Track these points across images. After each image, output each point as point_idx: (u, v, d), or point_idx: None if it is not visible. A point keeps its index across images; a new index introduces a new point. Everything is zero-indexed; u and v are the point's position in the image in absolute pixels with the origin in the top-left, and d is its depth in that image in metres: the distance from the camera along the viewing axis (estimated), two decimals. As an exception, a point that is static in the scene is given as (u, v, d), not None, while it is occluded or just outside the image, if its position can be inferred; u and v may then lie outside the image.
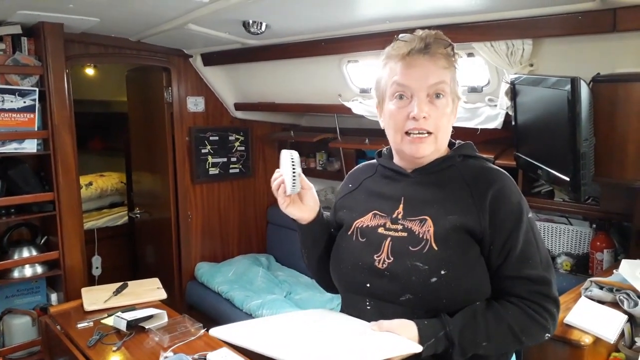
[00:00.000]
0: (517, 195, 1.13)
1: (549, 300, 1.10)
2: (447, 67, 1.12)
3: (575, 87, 1.59)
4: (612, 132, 1.72)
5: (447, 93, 1.13)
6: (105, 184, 4.73)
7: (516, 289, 1.10)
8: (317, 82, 3.07)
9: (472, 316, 1.07)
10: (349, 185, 1.34)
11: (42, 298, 2.91)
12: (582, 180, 1.65)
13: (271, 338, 1.10)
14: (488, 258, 1.10)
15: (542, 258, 1.11)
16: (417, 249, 1.10)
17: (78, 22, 2.69)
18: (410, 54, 1.12)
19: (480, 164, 1.19)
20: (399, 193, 1.20)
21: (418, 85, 1.11)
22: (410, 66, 1.12)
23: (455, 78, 1.16)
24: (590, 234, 2.32)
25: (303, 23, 2.48)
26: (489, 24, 2.01)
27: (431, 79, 1.11)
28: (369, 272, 1.15)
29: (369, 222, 1.21)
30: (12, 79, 2.63)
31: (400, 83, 1.13)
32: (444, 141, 1.18)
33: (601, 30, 1.73)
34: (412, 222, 1.14)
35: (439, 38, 1.13)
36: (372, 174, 1.31)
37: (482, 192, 1.11)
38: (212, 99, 3.75)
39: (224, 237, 3.94)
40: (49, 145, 2.73)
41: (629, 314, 1.59)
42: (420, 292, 1.08)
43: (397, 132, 1.16)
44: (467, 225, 1.09)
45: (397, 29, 2.30)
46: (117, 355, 1.93)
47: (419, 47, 1.11)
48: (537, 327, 1.10)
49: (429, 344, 1.04)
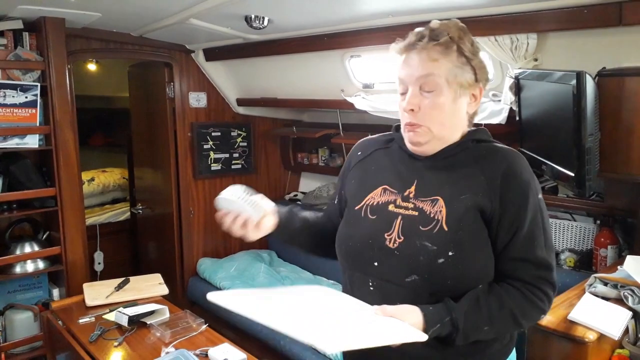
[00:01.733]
0: (527, 174, 1.12)
1: (548, 284, 1.12)
2: (437, 58, 1.11)
3: (581, 82, 1.57)
4: (617, 127, 1.71)
5: (438, 84, 1.11)
6: (108, 179, 4.74)
7: (519, 272, 1.11)
8: (320, 77, 3.06)
9: (476, 301, 1.08)
10: (357, 154, 1.34)
11: (44, 293, 2.92)
12: (586, 176, 1.64)
13: (269, 309, 1.08)
14: (495, 238, 1.11)
15: (547, 240, 1.12)
16: (427, 229, 1.11)
17: (79, 17, 2.68)
18: (406, 49, 1.15)
19: (492, 145, 1.19)
20: (412, 175, 1.19)
21: (408, 79, 1.13)
22: (405, 61, 1.15)
23: (464, 66, 1.13)
24: (594, 230, 2.30)
25: (305, 17, 2.47)
26: (493, 18, 1.99)
27: (417, 72, 1.12)
28: (379, 251, 1.15)
29: (379, 198, 1.21)
30: (13, 74, 2.62)
31: (399, 78, 1.16)
32: (444, 132, 1.16)
33: (607, 24, 1.71)
34: (423, 202, 1.14)
35: (440, 28, 1.13)
36: (385, 147, 1.30)
37: (494, 170, 1.11)
38: (214, 94, 3.74)
39: (226, 233, 3.78)
40: (50, 140, 2.72)
41: (634, 311, 1.58)
42: (426, 272, 1.09)
43: (402, 120, 1.18)
44: (479, 204, 1.09)
45: (400, 23, 2.29)
46: (118, 350, 1.93)
47: (411, 41, 1.14)
48: (536, 311, 1.12)
49: (433, 330, 1.04)
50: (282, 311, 1.08)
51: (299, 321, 1.02)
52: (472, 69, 1.14)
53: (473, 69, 1.14)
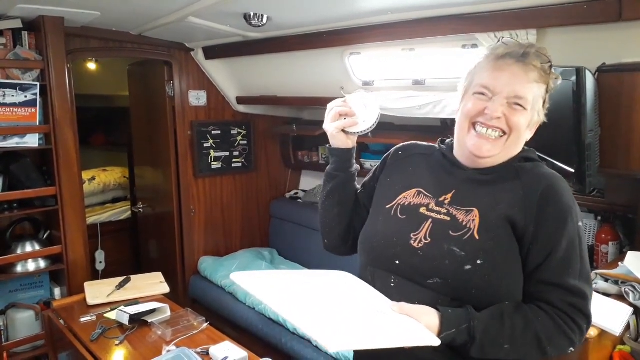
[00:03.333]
0: (569, 198, 1.09)
1: (582, 316, 1.06)
2: (537, 80, 1.10)
3: (581, 78, 1.57)
4: (617, 123, 1.70)
5: (527, 108, 1.10)
6: (108, 178, 4.74)
7: (550, 297, 1.05)
8: (319, 74, 3.05)
9: (500, 315, 1.03)
10: (398, 153, 1.32)
11: (46, 292, 2.92)
12: (587, 172, 1.63)
13: (287, 298, 1.07)
14: (527, 258, 1.06)
15: (584, 270, 1.07)
16: (457, 234, 1.08)
17: (78, 16, 2.68)
18: (504, 57, 1.11)
19: (538, 164, 1.16)
20: (452, 184, 1.17)
21: (501, 88, 1.09)
22: (499, 69, 1.10)
23: (543, 96, 1.13)
24: (595, 226, 2.30)
25: (305, 15, 2.46)
26: (493, 14, 1.99)
27: (516, 88, 1.09)
28: (402, 249, 1.13)
29: (411, 199, 1.19)
30: (13, 74, 2.62)
31: (484, 85, 1.12)
32: (512, 147, 1.14)
33: (607, 19, 1.70)
34: (458, 210, 1.12)
35: (540, 52, 1.11)
36: (430, 154, 1.28)
37: (534, 187, 1.08)
38: (214, 92, 3.73)
39: (227, 231, 3.94)
40: (50, 139, 2.72)
41: (635, 307, 1.57)
42: (450, 277, 1.06)
43: (466, 120, 1.14)
44: (512, 217, 1.06)
45: (400, 20, 2.28)
46: (119, 349, 1.93)
47: (516, 53, 1.10)
48: (565, 340, 1.05)
49: (447, 334, 1.00)
50: (297, 300, 1.06)
51: (309, 313, 1.01)
52: (544, 101, 1.14)
53: (544, 101, 1.14)
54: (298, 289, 1.14)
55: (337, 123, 1.25)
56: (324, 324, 0.98)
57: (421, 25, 2.21)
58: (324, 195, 1.36)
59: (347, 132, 1.26)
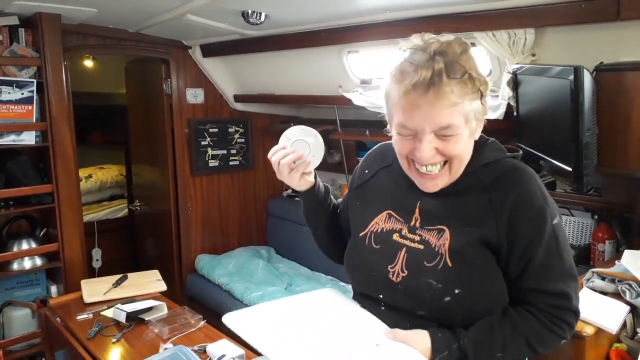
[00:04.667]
0: (540, 200, 1.04)
1: (569, 313, 1.06)
2: (458, 101, 0.97)
3: (579, 77, 1.57)
4: (615, 122, 1.70)
5: (459, 130, 0.99)
6: (105, 176, 4.73)
7: (534, 300, 1.05)
8: (317, 73, 3.05)
9: (489, 328, 1.03)
10: (365, 172, 1.28)
11: (42, 290, 2.91)
12: (584, 171, 1.63)
13: (283, 342, 1.07)
14: (506, 268, 1.05)
15: (565, 268, 1.05)
16: (431, 265, 1.05)
17: (75, 13, 2.67)
18: (412, 90, 0.96)
19: (501, 165, 1.08)
20: (415, 196, 1.12)
21: (422, 126, 0.98)
22: (412, 107, 0.98)
23: (474, 103, 1.00)
24: (592, 225, 2.31)
25: (302, 13, 2.46)
26: (491, 13, 1.99)
27: (437, 121, 0.97)
28: (383, 284, 1.11)
29: (383, 225, 1.16)
30: (9, 71, 2.61)
31: (402, 124, 1.02)
32: (459, 168, 1.06)
33: (604, 18, 1.71)
34: (429, 232, 1.08)
35: (453, 60, 0.97)
36: (390, 164, 1.22)
37: (502, 199, 1.03)
38: (212, 90, 3.73)
39: (224, 230, 3.93)
40: (47, 137, 2.71)
41: (631, 305, 1.58)
42: (433, 309, 1.05)
43: (402, 158, 1.08)
44: (484, 237, 1.03)
45: (397, 18, 2.28)
46: (116, 347, 1.93)
47: (423, 79, 0.95)
48: (555, 338, 1.06)
49: (441, 356, 1.01)
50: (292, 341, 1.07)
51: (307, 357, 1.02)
52: (480, 93, 1.01)
53: (480, 92, 1.01)
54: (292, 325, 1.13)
55: (294, 175, 1.20)
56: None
57: (419, 24, 2.20)
58: (313, 230, 1.36)
59: (305, 172, 1.22)
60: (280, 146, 1.20)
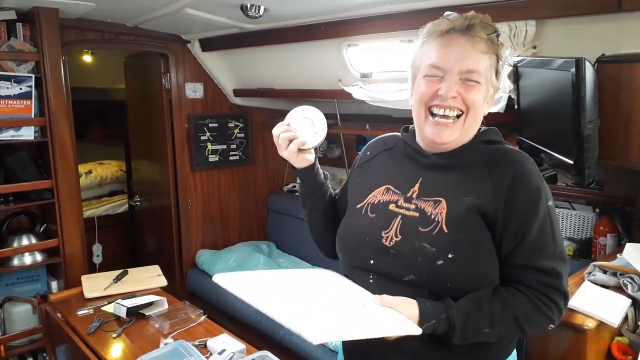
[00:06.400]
0: (537, 180, 1.08)
1: (558, 293, 1.08)
2: (486, 52, 1.07)
3: (580, 69, 1.55)
4: (616, 114, 1.69)
5: (481, 82, 1.08)
6: (105, 172, 4.73)
7: (525, 278, 1.07)
8: (317, 66, 3.04)
9: (478, 302, 1.05)
10: (367, 153, 1.33)
11: (43, 286, 2.91)
12: (586, 164, 1.62)
13: (270, 296, 1.09)
14: (500, 244, 1.07)
15: (557, 249, 1.08)
16: (426, 230, 1.08)
17: (73, 7, 2.65)
18: (449, 32, 1.07)
19: (502, 146, 1.16)
20: (417, 173, 1.17)
21: (452, 66, 1.07)
22: (447, 45, 1.08)
23: (495, 66, 1.11)
24: (594, 218, 2.30)
25: (302, 6, 2.44)
26: (491, 4, 1.97)
27: (466, 63, 1.06)
28: (375, 249, 1.14)
29: (380, 197, 1.19)
30: (7, 66, 2.59)
31: (434, 64, 1.09)
32: (471, 126, 1.13)
33: (606, 10, 1.69)
34: (426, 202, 1.12)
35: (485, 22, 1.09)
36: (393, 146, 1.28)
37: (501, 173, 1.08)
38: (211, 85, 3.71)
39: (225, 225, 3.93)
40: (46, 132, 2.70)
41: (633, 298, 1.58)
42: (424, 273, 1.07)
43: (422, 106, 1.12)
44: (481, 207, 1.06)
45: (397, 11, 2.27)
46: (117, 342, 1.93)
47: (460, 26, 1.07)
48: (543, 318, 1.08)
49: (428, 325, 1.03)
50: (279, 296, 1.09)
51: (291, 308, 1.03)
52: (497, 70, 1.12)
53: (497, 70, 1.12)
54: (281, 286, 1.16)
55: (291, 147, 1.23)
56: (306, 317, 0.99)
57: (419, 17, 2.19)
58: (307, 214, 1.38)
59: (304, 150, 1.26)
60: (285, 122, 1.25)
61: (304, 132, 1.25)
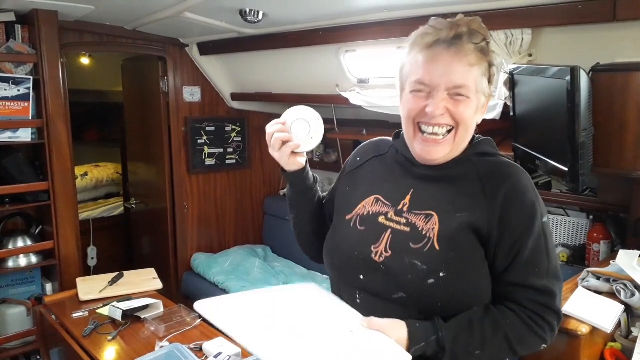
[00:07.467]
0: (532, 196, 1.04)
1: (551, 313, 1.04)
2: (475, 63, 1.02)
3: (575, 77, 1.57)
4: (610, 122, 1.71)
5: (470, 96, 1.03)
6: (101, 174, 4.72)
7: (518, 297, 1.04)
8: (315, 72, 3.05)
9: (468, 323, 1.01)
10: (357, 159, 1.28)
11: (37, 288, 2.90)
12: (580, 171, 1.64)
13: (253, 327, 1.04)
14: (493, 261, 1.04)
15: (551, 267, 1.04)
16: (418, 247, 1.04)
17: (72, 10, 2.66)
18: (434, 45, 1.02)
19: (497, 159, 1.11)
20: (409, 183, 1.12)
21: (438, 82, 1.02)
22: (432, 60, 1.02)
23: (487, 74, 1.06)
24: (587, 225, 2.32)
25: (300, 12, 2.46)
26: (488, 13, 1.99)
27: (453, 78, 1.01)
28: (364, 264, 1.09)
29: (370, 208, 1.14)
30: (6, 67, 2.59)
31: (419, 81, 1.04)
32: (463, 140, 1.08)
33: (601, 19, 1.71)
34: (417, 216, 1.07)
35: (474, 29, 1.03)
36: (384, 153, 1.23)
37: (495, 189, 1.03)
38: (209, 89, 3.72)
39: (221, 228, 3.93)
40: (43, 134, 2.70)
41: (626, 304, 1.59)
42: (414, 292, 1.03)
43: (410, 122, 1.08)
44: (474, 224, 1.02)
45: (395, 18, 2.29)
46: (112, 344, 1.93)
47: (446, 37, 1.01)
48: (535, 339, 1.05)
49: (417, 347, 0.99)
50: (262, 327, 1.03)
51: (274, 343, 0.99)
52: (489, 77, 1.07)
53: (489, 77, 1.07)
54: (264, 313, 1.10)
55: (284, 149, 1.16)
56: (291, 355, 0.95)
57: (416, 24, 2.18)
58: (294, 217, 1.34)
59: (296, 152, 1.20)
60: (281, 121, 1.18)
61: (299, 135, 1.18)
